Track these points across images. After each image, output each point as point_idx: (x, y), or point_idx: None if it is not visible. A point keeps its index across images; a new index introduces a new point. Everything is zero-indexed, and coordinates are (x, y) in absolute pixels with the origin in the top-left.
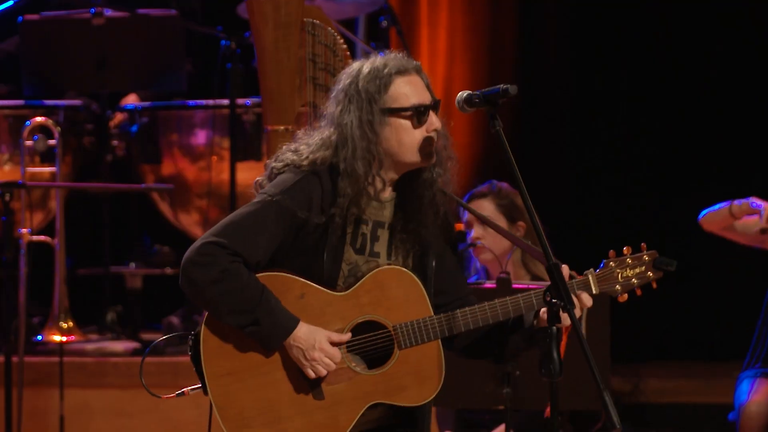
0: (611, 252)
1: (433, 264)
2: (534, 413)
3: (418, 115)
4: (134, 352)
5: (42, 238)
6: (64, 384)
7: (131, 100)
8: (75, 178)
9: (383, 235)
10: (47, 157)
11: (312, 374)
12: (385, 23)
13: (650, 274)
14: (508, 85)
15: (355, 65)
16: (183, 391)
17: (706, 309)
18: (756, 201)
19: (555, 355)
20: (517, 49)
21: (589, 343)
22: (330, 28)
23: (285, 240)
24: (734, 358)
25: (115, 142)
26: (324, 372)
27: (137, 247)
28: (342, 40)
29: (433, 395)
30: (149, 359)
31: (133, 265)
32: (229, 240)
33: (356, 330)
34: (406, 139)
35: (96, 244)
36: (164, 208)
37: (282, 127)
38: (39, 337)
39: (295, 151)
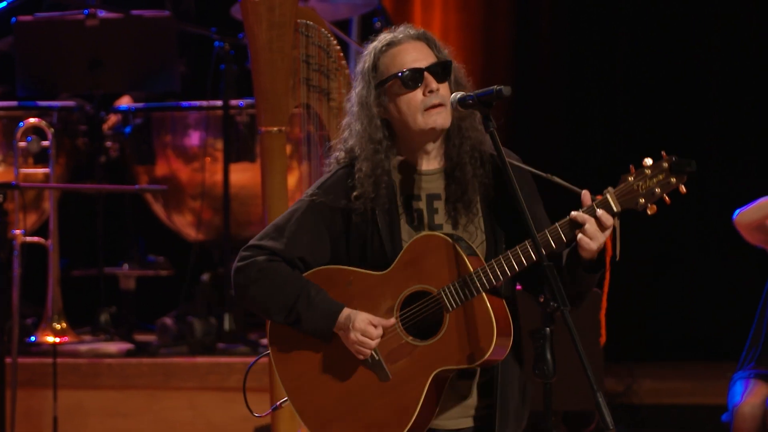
0: (631, 167)
1: (508, 220)
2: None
3: (404, 80)
4: (127, 353)
5: (35, 239)
6: (58, 385)
7: (125, 101)
8: (68, 179)
9: (441, 206)
10: (41, 158)
11: (358, 356)
12: (378, 24)
13: (673, 179)
14: (502, 87)
15: None
16: (277, 405)
17: (700, 309)
18: None
19: (548, 356)
20: (512, 49)
21: (582, 343)
22: (324, 30)
23: (335, 235)
24: (728, 359)
25: (108, 143)
26: (367, 353)
27: (132, 250)
28: (336, 42)
29: (490, 349)
30: (142, 360)
31: (126, 266)
32: (267, 241)
33: (407, 303)
34: (403, 106)
35: (89, 245)
36: (158, 209)
37: (276, 129)
38: (32, 338)
39: (338, 149)
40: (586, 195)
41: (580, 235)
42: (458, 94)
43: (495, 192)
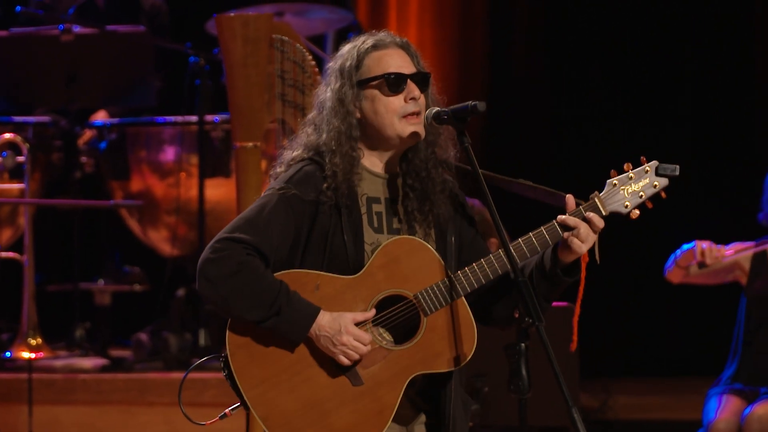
0: (612, 172)
1: (453, 240)
2: (503, 429)
3: (389, 83)
4: (103, 369)
5: (11, 254)
6: (33, 400)
7: (101, 116)
8: (44, 195)
9: (400, 210)
10: (16, 173)
11: (345, 360)
12: None
13: (656, 183)
14: (477, 102)
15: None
16: (225, 413)
17: (675, 325)
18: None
19: (524, 371)
20: (487, 64)
21: (557, 359)
22: (299, 45)
23: (300, 229)
24: (703, 375)
25: (83, 159)
26: (356, 356)
27: (108, 264)
28: (311, 57)
29: (471, 352)
30: (117, 375)
31: (101, 281)
32: (242, 234)
33: (379, 308)
34: (380, 108)
35: (65, 261)
36: (133, 224)
37: (251, 144)
38: (8, 354)
39: (292, 149)
40: (570, 199)
41: (571, 238)
42: (433, 110)
43: (449, 211)
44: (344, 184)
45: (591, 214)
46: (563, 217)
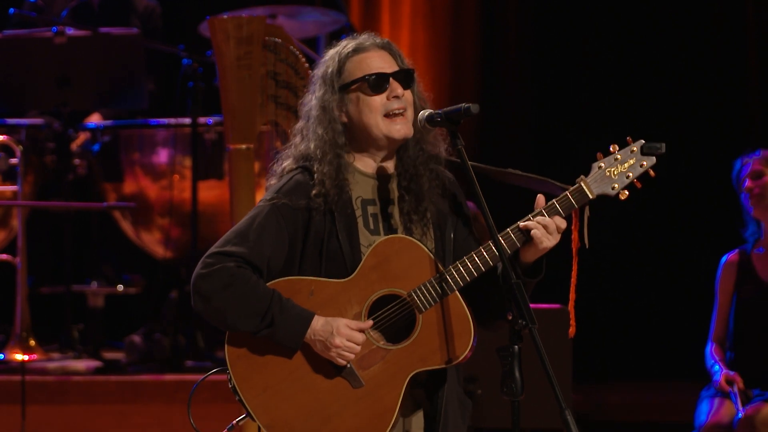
0: (599, 154)
1: (451, 236)
2: (496, 431)
3: (371, 84)
4: (96, 371)
5: (4, 256)
6: (26, 402)
7: (95, 119)
8: (37, 197)
9: (395, 211)
10: (9, 175)
11: (341, 362)
12: None
13: (644, 163)
14: (470, 104)
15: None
16: (233, 424)
17: (667, 327)
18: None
19: (517, 373)
20: (479, 66)
21: (550, 361)
22: (292, 47)
23: (294, 236)
24: (696, 377)
25: (76, 161)
26: (351, 356)
27: (101, 267)
28: (304, 59)
29: (469, 346)
30: (110, 377)
31: (94, 283)
32: (233, 247)
33: (374, 308)
34: (365, 109)
35: (58, 263)
36: (126, 226)
37: (244, 146)
38: (1, 356)
39: (282, 160)
40: (540, 199)
41: (534, 231)
42: (426, 112)
43: (445, 207)
44: (334, 189)
45: (547, 219)
46: (523, 224)
